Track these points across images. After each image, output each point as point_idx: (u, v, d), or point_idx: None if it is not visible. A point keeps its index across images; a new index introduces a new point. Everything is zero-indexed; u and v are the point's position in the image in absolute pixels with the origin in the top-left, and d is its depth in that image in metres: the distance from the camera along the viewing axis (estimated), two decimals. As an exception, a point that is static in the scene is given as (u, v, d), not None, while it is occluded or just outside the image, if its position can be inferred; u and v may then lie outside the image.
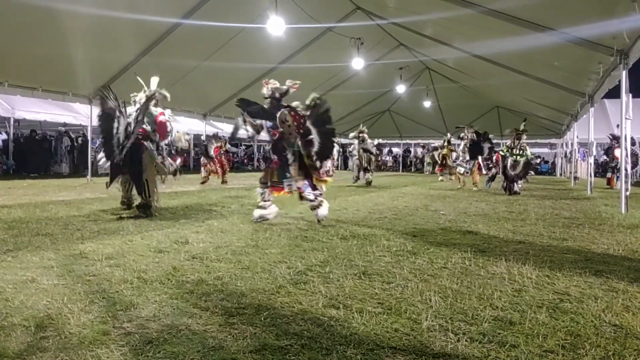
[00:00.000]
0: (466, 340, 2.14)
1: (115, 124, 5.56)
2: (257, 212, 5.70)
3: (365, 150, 13.36)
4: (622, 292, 2.91)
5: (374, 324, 2.33)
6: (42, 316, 2.36)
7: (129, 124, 5.68)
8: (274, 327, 2.27)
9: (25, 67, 11.13)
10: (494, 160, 12.55)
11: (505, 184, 11.14)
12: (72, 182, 12.63)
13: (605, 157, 19.10)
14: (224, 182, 12.86)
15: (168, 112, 6.36)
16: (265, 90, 5.80)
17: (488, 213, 7.14)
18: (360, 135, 13.54)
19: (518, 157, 10.94)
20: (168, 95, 6.31)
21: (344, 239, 4.71)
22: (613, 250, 4.30)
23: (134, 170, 5.99)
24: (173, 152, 6.67)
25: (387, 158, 33.35)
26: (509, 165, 10.95)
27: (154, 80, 6.39)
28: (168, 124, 6.20)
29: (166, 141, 6.38)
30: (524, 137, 11.41)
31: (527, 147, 11.38)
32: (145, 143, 6.03)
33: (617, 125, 17.32)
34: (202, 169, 13.16)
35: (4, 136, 18.77)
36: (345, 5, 13.74)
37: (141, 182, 5.98)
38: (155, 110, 6.19)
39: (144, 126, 6.04)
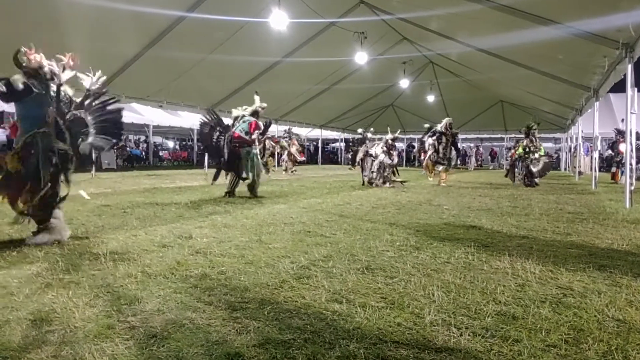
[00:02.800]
0: (469, 335, 2.15)
1: (215, 134, 7.90)
2: None
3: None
4: (625, 287, 2.90)
5: (376, 319, 2.34)
6: (47, 310, 2.38)
7: (225, 132, 7.89)
8: (277, 322, 2.28)
9: (28, 61, 11.14)
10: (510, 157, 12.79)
11: (526, 179, 12.14)
12: (77, 177, 12.65)
13: (610, 151, 18.97)
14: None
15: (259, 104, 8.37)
16: None
17: (492, 208, 7.12)
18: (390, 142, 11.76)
19: (537, 154, 12.14)
20: (265, 105, 8.41)
21: (347, 233, 4.71)
22: (617, 245, 4.28)
23: (234, 166, 8.01)
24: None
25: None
26: (530, 163, 12.14)
27: (257, 98, 8.42)
28: (258, 123, 8.09)
29: (254, 136, 8.07)
30: (536, 133, 12.52)
31: (541, 144, 12.76)
32: (242, 150, 7.91)
33: (622, 120, 17.25)
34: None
35: (8, 132, 18.83)
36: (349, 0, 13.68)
37: (240, 173, 8.05)
38: (249, 118, 8.08)
39: (239, 131, 7.93)
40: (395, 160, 11.73)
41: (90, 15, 10.16)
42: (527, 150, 12.19)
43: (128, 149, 26.99)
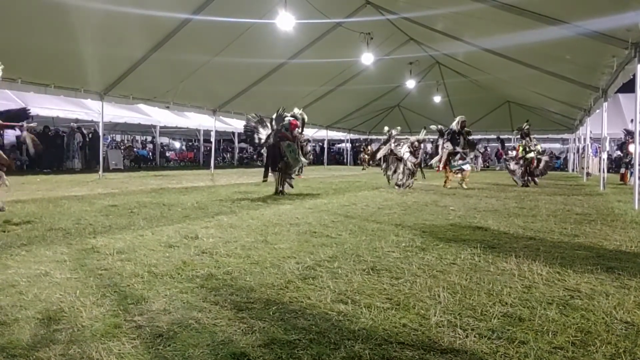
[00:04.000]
0: (475, 336, 2.14)
1: (257, 135, 8.63)
2: None
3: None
4: (634, 289, 2.88)
5: (382, 319, 2.34)
6: (55, 309, 2.40)
7: (270, 133, 8.63)
8: (282, 322, 2.29)
9: (38, 64, 11.25)
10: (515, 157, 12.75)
11: (526, 178, 12.45)
12: (85, 178, 12.79)
13: (618, 152, 18.80)
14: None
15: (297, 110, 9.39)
16: None
17: (498, 209, 7.08)
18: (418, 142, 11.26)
19: (535, 153, 12.38)
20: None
21: (353, 234, 4.71)
22: (626, 246, 4.24)
23: (278, 163, 8.68)
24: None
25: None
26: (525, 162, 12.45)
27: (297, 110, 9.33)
28: (297, 122, 9.00)
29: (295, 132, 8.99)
30: (531, 134, 12.90)
31: (538, 144, 13.02)
32: (283, 143, 8.62)
33: (632, 120, 17.09)
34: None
35: (18, 132, 19.00)
36: (355, 0, 13.66)
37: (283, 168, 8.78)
38: (289, 118, 8.92)
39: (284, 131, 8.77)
40: (419, 159, 11.17)
41: (99, 19, 10.26)
42: (526, 150, 12.48)
43: (135, 149, 27.16)
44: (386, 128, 12.25)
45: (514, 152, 12.91)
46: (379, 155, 11.61)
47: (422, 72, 21.42)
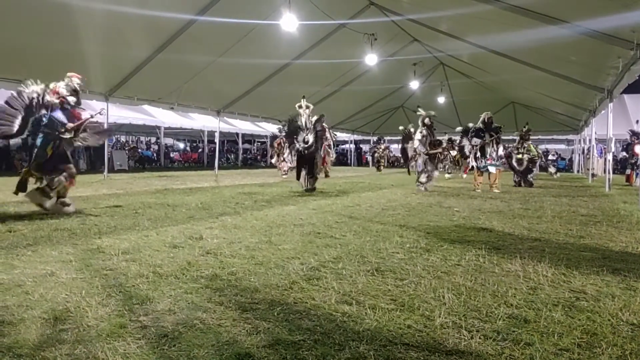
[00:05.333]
0: (480, 338, 2.13)
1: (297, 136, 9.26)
2: None
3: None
4: (640, 291, 2.86)
5: (386, 320, 2.33)
6: (61, 309, 2.41)
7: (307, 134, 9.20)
8: (287, 323, 2.29)
9: (42, 64, 11.29)
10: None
11: (515, 177, 12.91)
12: (90, 179, 12.84)
13: (624, 153, 18.69)
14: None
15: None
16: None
17: (503, 210, 7.06)
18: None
19: (522, 154, 12.81)
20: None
21: (357, 235, 4.71)
22: (632, 248, 4.22)
23: (312, 164, 9.48)
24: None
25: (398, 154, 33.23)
26: (514, 161, 12.94)
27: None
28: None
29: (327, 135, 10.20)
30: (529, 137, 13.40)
31: (532, 146, 13.52)
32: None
33: (637, 121, 17.01)
34: None
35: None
36: (359, 1, 13.66)
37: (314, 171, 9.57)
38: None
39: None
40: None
41: (103, 21, 10.31)
42: (516, 149, 13.01)
43: (139, 150, 27.26)
44: (401, 127, 12.11)
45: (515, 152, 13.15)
46: (410, 154, 11.38)
47: (426, 73, 21.38)
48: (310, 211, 6.59)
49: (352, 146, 34.47)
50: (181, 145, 37.25)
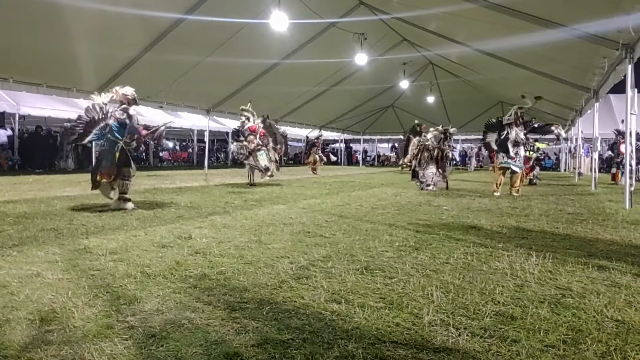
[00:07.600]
0: (467, 335, 2.15)
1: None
2: None
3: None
4: (624, 288, 2.91)
5: (375, 319, 2.34)
6: (47, 310, 2.39)
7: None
8: (276, 322, 2.29)
9: (30, 63, 11.15)
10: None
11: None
12: (77, 178, 12.68)
13: (610, 152, 18.98)
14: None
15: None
16: None
17: (491, 209, 7.12)
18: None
19: (530, 153, 12.36)
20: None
21: (347, 234, 4.72)
22: (616, 246, 4.29)
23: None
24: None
25: (391, 154, 33.39)
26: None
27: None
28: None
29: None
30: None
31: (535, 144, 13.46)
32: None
33: (622, 121, 17.25)
34: None
35: (10, 132, 18.85)
36: (349, 0, 13.68)
37: None
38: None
39: None
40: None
41: (92, 19, 10.21)
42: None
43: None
44: (416, 121, 12.13)
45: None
46: (411, 151, 11.28)
47: (416, 73, 21.51)
48: (300, 210, 6.59)
49: (342, 145, 34.52)
50: (170, 144, 36.95)
